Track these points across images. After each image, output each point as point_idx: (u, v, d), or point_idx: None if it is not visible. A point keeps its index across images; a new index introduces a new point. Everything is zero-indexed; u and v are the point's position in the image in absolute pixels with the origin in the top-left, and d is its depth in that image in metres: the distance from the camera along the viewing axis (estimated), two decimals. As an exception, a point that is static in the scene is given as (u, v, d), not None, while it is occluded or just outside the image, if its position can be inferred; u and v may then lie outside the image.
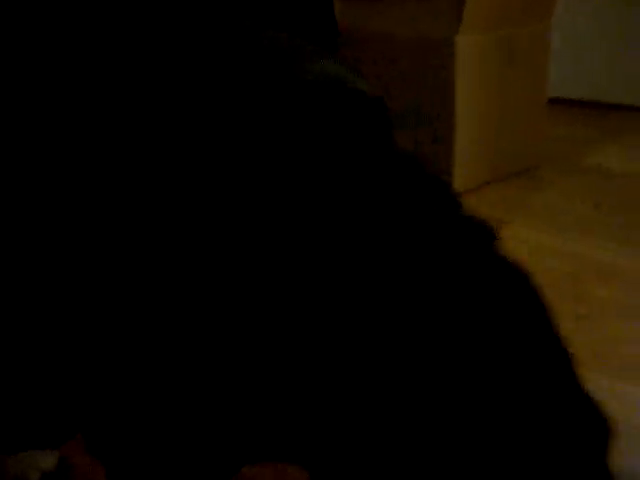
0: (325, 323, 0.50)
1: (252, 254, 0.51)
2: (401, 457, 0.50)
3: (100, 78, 0.54)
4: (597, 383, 1.05)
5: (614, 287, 1.41)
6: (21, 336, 0.57)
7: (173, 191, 0.52)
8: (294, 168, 0.52)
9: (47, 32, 0.55)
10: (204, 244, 0.51)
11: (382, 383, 0.50)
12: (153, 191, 0.52)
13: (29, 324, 0.57)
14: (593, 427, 0.56)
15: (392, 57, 1.98)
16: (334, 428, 0.51)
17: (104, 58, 0.54)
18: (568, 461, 0.53)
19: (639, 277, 1.45)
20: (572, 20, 2.66)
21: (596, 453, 0.56)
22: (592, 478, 0.55)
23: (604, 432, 0.56)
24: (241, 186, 0.51)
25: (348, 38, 1.86)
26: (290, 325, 0.51)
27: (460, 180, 1.97)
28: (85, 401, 0.59)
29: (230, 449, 0.57)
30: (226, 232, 0.51)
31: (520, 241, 1.67)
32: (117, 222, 0.53)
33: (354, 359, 0.50)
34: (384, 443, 0.50)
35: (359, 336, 0.50)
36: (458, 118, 1.94)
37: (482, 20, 1.93)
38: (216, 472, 0.58)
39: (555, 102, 2.68)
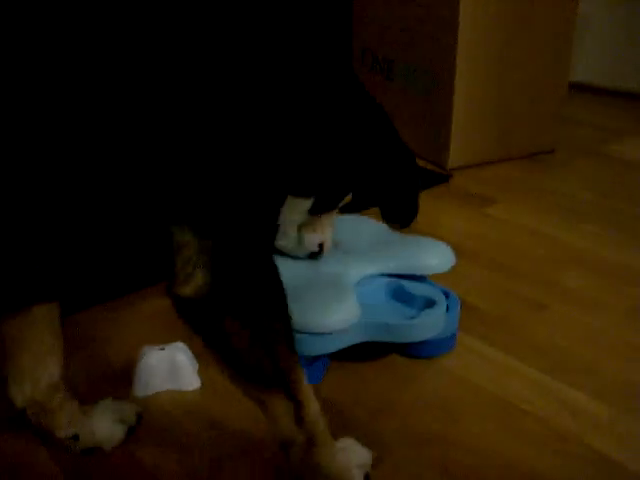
0: None
1: None
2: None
3: None
4: (528, 375, 1.11)
5: (586, 279, 1.42)
6: None
7: None
8: None
9: None
10: None
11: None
12: None
13: None
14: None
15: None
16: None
17: None
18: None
19: (618, 271, 1.45)
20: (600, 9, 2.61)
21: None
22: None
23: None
24: None
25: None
26: None
27: (456, 155, 1.93)
28: None
29: None
30: None
31: (498, 220, 1.68)
32: None
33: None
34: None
35: None
36: (457, 87, 1.87)
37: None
38: None
39: (581, 88, 2.66)
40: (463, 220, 1.67)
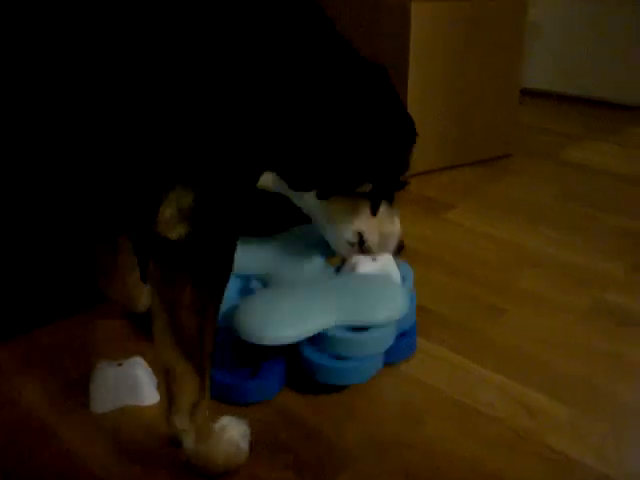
0: None
1: None
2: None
3: None
4: (488, 378, 1.12)
5: (544, 282, 1.43)
6: None
7: None
8: None
9: None
10: None
11: None
12: None
13: None
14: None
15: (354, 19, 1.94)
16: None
17: None
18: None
19: (575, 273, 1.46)
20: (560, 14, 2.64)
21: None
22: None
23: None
24: None
25: None
26: None
27: (412, 162, 1.89)
28: None
29: None
30: None
31: (455, 226, 1.70)
32: None
33: None
34: None
35: None
36: (411, 94, 1.87)
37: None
38: None
39: (540, 95, 2.68)
40: (422, 226, 1.67)
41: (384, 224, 1.14)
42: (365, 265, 1.13)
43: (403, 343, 1.14)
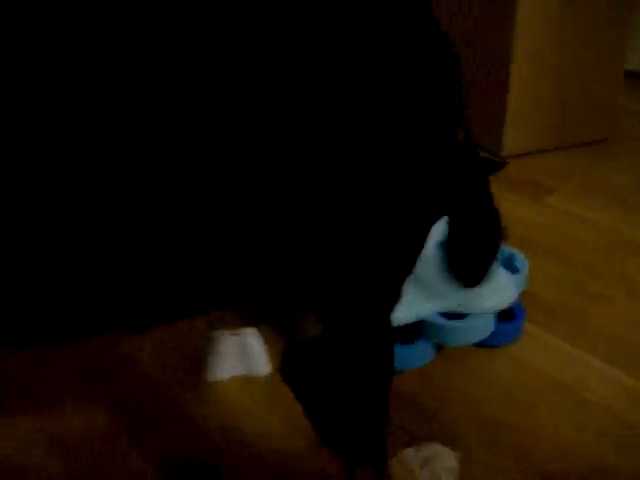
0: None
1: None
2: None
3: None
4: (596, 366, 1.11)
5: None
6: None
7: None
8: None
9: None
10: None
11: None
12: None
13: None
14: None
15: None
16: None
17: None
18: None
19: None
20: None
21: None
22: None
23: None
24: None
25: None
26: None
27: (511, 143, 1.90)
28: None
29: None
30: None
31: (558, 210, 1.67)
32: None
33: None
34: None
35: None
36: (513, 74, 1.86)
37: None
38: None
39: (636, 77, 2.63)
40: (522, 209, 1.66)
41: None
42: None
43: (510, 327, 1.15)
